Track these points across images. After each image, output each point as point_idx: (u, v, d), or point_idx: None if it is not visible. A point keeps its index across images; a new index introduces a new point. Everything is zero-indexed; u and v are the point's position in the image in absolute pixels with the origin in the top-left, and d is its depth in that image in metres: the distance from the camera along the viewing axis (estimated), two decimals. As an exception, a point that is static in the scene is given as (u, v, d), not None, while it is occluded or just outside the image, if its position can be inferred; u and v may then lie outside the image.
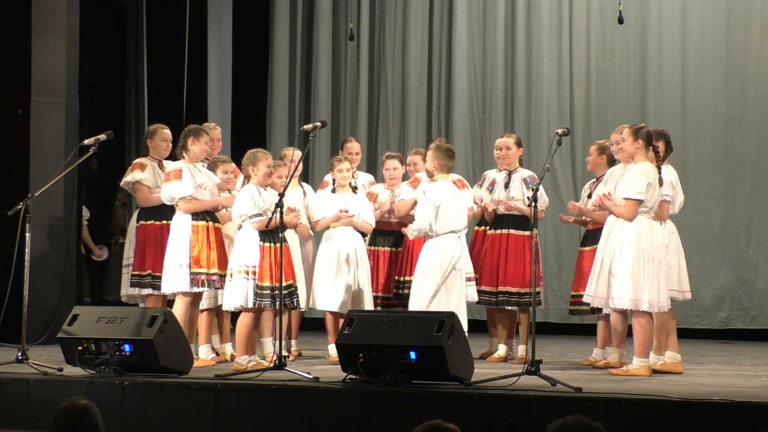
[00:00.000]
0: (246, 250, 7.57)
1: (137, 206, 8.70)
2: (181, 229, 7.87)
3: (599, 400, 6.08)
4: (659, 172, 7.58)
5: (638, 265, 7.40)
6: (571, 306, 8.62)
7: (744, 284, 11.19)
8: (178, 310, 7.80)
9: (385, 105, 12.41)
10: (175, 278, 7.83)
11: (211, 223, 7.93)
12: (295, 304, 7.68)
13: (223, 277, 7.77)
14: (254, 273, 7.51)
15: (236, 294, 7.55)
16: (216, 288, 7.94)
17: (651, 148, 7.57)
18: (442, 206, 7.87)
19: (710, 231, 11.26)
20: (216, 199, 8.02)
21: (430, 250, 7.92)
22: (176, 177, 7.89)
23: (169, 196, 7.92)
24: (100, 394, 6.49)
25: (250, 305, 7.53)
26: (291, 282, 7.59)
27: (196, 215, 7.88)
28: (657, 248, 7.47)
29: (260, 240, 7.54)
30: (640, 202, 7.45)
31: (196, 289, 7.85)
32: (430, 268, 7.87)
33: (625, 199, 7.49)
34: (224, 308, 7.80)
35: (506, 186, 8.74)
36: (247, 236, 7.60)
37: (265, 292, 7.49)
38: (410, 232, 8.10)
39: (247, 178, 7.76)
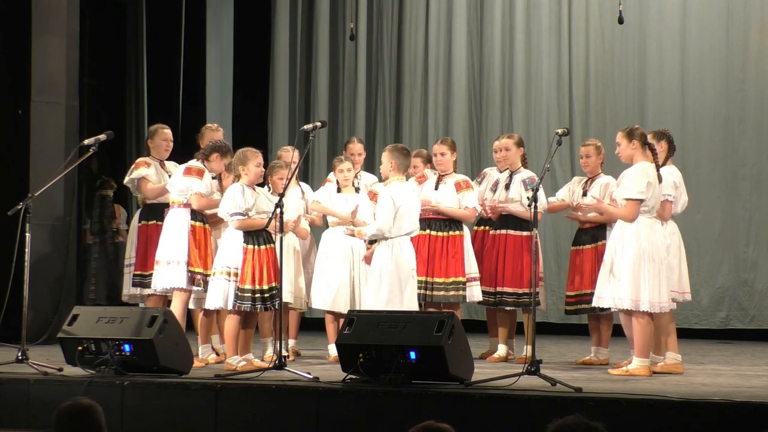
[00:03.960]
0: (229, 251, 7.54)
1: (138, 206, 8.71)
2: (178, 226, 7.87)
3: (599, 400, 6.08)
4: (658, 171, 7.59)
5: (638, 265, 7.39)
6: (568, 306, 8.53)
7: (743, 284, 11.19)
8: (175, 307, 7.80)
9: (383, 104, 12.40)
10: (170, 274, 7.85)
11: (207, 225, 7.99)
12: (275, 306, 7.48)
13: None
14: (236, 275, 7.48)
15: (216, 294, 7.53)
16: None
17: (647, 146, 7.56)
18: (401, 209, 7.72)
19: (710, 231, 11.25)
20: (217, 200, 8.05)
21: (387, 251, 7.73)
22: (198, 174, 7.90)
23: (186, 186, 7.88)
24: (100, 394, 6.46)
25: (230, 307, 7.49)
26: (274, 284, 7.48)
27: (195, 216, 7.89)
28: (658, 248, 7.45)
29: (244, 242, 7.50)
30: (641, 201, 7.45)
31: (192, 288, 7.87)
32: (386, 270, 7.69)
33: (626, 199, 7.48)
34: (205, 306, 7.79)
35: (507, 187, 8.72)
36: (231, 237, 7.57)
37: (246, 294, 7.43)
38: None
39: (237, 177, 7.73)
